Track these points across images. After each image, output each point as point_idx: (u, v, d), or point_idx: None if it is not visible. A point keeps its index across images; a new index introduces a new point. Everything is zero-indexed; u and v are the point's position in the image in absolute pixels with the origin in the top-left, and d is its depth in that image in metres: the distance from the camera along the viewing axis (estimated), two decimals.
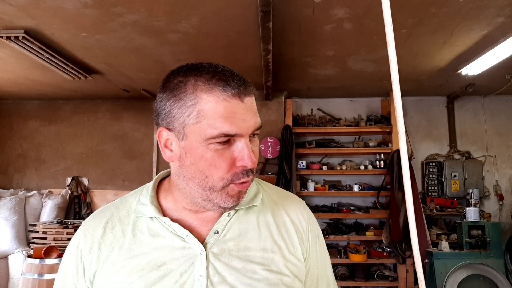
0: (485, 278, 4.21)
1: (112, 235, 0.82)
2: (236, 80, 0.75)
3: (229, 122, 0.72)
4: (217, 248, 0.80)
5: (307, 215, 0.91)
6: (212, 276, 0.77)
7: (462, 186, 5.31)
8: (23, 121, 5.97)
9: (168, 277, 0.77)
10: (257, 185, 0.92)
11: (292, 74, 4.60)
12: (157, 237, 0.81)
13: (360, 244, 5.20)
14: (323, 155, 5.47)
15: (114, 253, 0.80)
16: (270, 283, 0.79)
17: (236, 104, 0.74)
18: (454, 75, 4.50)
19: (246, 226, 0.84)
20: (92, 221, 0.86)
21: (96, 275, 0.80)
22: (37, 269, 3.20)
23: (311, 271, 0.89)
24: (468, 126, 5.57)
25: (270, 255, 0.82)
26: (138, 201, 0.86)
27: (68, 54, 3.87)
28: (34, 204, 5.30)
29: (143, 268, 0.78)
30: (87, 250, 0.82)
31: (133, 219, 0.84)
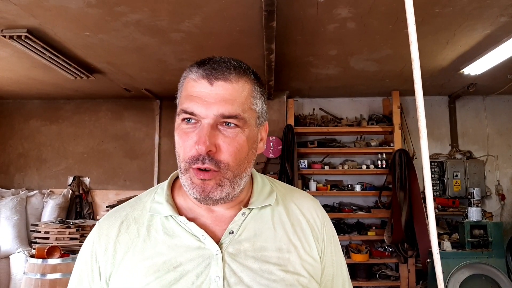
0: (487, 277, 4.21)
1: (128, 235, 0.82)
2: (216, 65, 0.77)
3: (189, 100, 0.76)
4: (233, 248, 0.79)
5: (321, 214, 0.91)
6: (229, 277, 0.77)
7: (463, 185, 5.32)
8: (24, 121, 5.96)
9: (184, 278, 0.76)
10: (271, 184, 0.92)
11: (294, 73, 4.59)
12: (172, 236, 0.80)
13: (362, 243, 5.20)
14: (325, 154, 5.47)
15: (130, 253, 0.80)
16: (286, 284, 0.78)
17: (203, 85, 0.76)
18: (456, 74, 4.49)
19: (261, 226, 0.83)
20: (107, 221, 0.86)
21: (112, 276, 0.80)
22: (39, 269, 3.20)
23: (326, 271, 0.88)
24: (469, 125, 5.57)
25: (286, 255, 0.81)
26: (153, 200, 0.86)
27: (71, 54, 3.86)
28: (35, 203, 5.30)
29: (159, 269, 0.77)
30: (102, 251, 0.81)
31: (148, 218, 0.83)
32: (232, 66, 0.78)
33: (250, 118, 0.79)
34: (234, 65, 0.79)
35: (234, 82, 0.77)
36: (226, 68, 0.77)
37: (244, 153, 0.78)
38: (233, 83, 0.77)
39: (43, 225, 4.44)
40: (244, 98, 0.78)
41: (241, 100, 0.77)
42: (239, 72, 0.79)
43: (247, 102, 0.79)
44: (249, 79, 0.81)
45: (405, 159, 5.00)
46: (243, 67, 0.81)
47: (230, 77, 0.77)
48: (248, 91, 0.80)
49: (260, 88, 0.84)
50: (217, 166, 0.75)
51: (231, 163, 0.76)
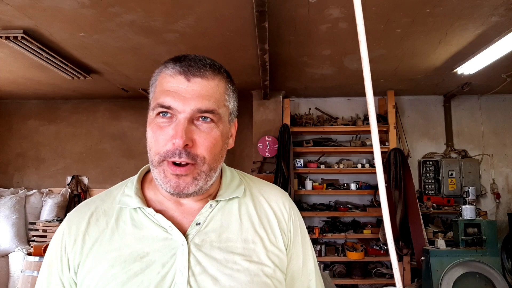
0: (481, 275, 4.24)
1: (97, 227, 0.83)
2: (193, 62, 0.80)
3: (166, 95, 0.78)
4: (199, 239, 0.81)
5: (289, 206, 0.93)
6: (194, 266, 0.79)
7: (459, 184, 5.35)
8: (23, 121, 6.01)
9: (150, 268, 0.78)
10: (240, 177, 0.94)
11: (289, 73, 4.63)
12: (140, 228, 0.82)
13: (357, 242, 5.23)
14: (321, 154, 5.50)
15: (97, 245, 0.81)
16: (250, 273, 0.80)
17: (179, 81, 0.78)
18: (450, 74, 4.53)
19: (228, 218, 0.85)
20: (77, 213, 0.88)
21: (80, 267, 0.81)
22: (36, 266, 3.24)
23: (293, 262, 0.90)
24: (464, 125, 5.60)
25: (251, 246, 0.83)
26: (123, 193, 0.88)
27: (67, 54, 3.90)
28: (34, 203, 5.34)
29: (126, 259, 0.79)
30: (72, 243, 0.83)
31: (117, 210, 0.85)
32: (207, 64, 0.81)
33: (224, 114, 0.82)
34: (209, 63, 0.82)
35: (210, 79, 0.80)
36: (202, 66, 0.80)
37: (219, 147, 0.81)
38: (209, 80, 0.80)
39: (41, 224, 4.48)
40: (219, 94, 0.81)
41: (217, 96, 0.80)
42: (214, 70, 0.82)
43: (222, 99, 0.82)
44: (223, 77, 0.84)
45: (400, 158, 5.04)
46: (217, 66, 0.84)
47: (206, 74, 0.80)
48: (223, 89, 0.83)
49: (232, 86, 0.87)
50: (193, 159, 0.77)
51: (207, 156, 0.78)
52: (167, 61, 0.83)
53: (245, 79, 4.80)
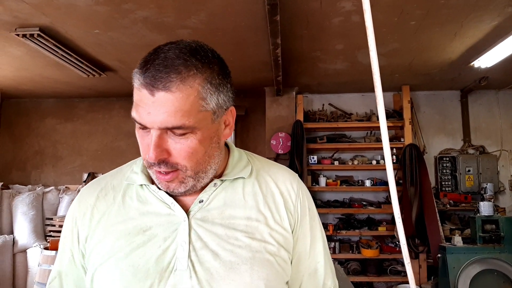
0: (499, 273, 4.16)
1: (105, 202, 0.87)
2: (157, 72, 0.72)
3: (136, 110, 0.75)
4: (200, 215, 0.83)
5: (297, 187, 0.92)
6: (195, 241, 0.80)
7: (476, 181, 5.25)
8: (40, 119, 6.12)
9: (152, 241, 0.80)
10: (248, 158, 0.94)
11: (302, 69, 4.61)
12: (145, 203, 0.84)
13: (372, 239, 5.18)
14: (335, 150, 5.47)
15: (105, 218, 0.85)
16: (252, 250, 0.80)
17: (145, 95, 0.73)
18: (466, 68, 4.44)
19: (232, 196, 0.86)
20: (88, 189, 0.92)
21: (88, 239, 0.85)
22: (53, 260, 3.30)
23: (299, 243, 0.89)
24: (482, 120, 5.49)
25: (254, 223, 0.83)
26: (131, 170, 0.91)
27: (82, 52, 3.96)
28: (51, 199, 5.44)
29: (130, 232, 0.81)
30: (81, 216, 0.87)
31: (125, 186, 0.88)
32: (174, 70, 0.72)
33: (201, 120, 0.76)
34: (176, 68, 0.73)
35: (176, 90, 0.72)
36: (166, 75, 0.72)
37: (200, 153, 0.78)
38: (174, 92, 0.72)
39: (58, 219, 4.57)
40: (189, 105, 0.73)
41: (185, 108, 0.73)
42: (182, 77, 0.73)
43: (194, 108, 0.74)
44: (195, 79, 0.74)
45: (415, 154, 4.97)
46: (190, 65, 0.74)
47: (170, 86, 0.72)
48: (194, 95, 0.74)
49: (215, 81, 0.78)
50: (174, 167, 0.77)
51: (187, 164, 0.77)
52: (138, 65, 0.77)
53: (258, 76, 4.80)
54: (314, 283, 0.92)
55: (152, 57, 0.75)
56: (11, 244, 4.85)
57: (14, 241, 4.90)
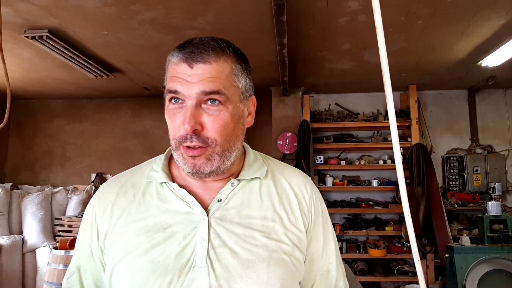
0: (507, 273, 4.13)
1: (125, 199, 0.89)
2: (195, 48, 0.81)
3: (173, 81, 0.81)
4: (219, 214, 0.85)
5: (310, 190, 0.95)
6: (213, 239, 0.82)
7: (484, 180, 5.22)
8: (49, 120, 6.18)
9: (172, 238, 0.82)
10: (263, 159, 0.97)
11: (308, 69, 4.61)
12: (164, 201, 0.87)
13: (379, 239, 5.17)
14: (341, 150, 5.47)
15: (125, 215, 0.87)
16: (268, 249, 0.83)
17: (184, 68, 0.80)
18: (474, 67, 4.42)
19: (249, 196, 0.88)
20: (107, 186, 0.94)
21: (107, 235, 0.87)
22: (62, 260, 3.34)
23: (312, 243, 0.92)
24: (490, 119, 5.46)
25: (270, 223, 0.85)
26: (151, 169, 0.93)
27: (90, 53, 4.00)
28: (60, 199, 5.49)
29: (150, 229, 0.83)
30: (101, 212, 0.89)
31: (145, 184, 0.90)
32: (210, 47, 0.81)
33: (233, 95, 0.83)
34: (212, 45, 0.82)
35: (213, 62, 0.80)
36: (204, 50, 0.80)
37: (230, 128, 0.83)
38: (212, 63, 0.80)
39: (66, 219, 4.61)
40: (225, 76, 0.81)
41: (222, 77, 0.81)
42: (217, 53, 0.81)
43: (229, 80, 0.82)
44: (228, 57, 0.83)
45: (422, 153, 4.95)
46: (222, 47, 0.83)
47: (208, 58, 0.80)
48: (229, 69, 0.83)
49: (241, 65, 0.87)
50: (204, 142, 0.80)
51: (218, 138, 0.81)
52: (174, 48, 0.85)
53: (264, 76, 4.81)
54: (326, 284, 0.94)
55: (187, 41, 0.84)
56: (20, 244, 4.90)
57: (24, 241, 4.95)
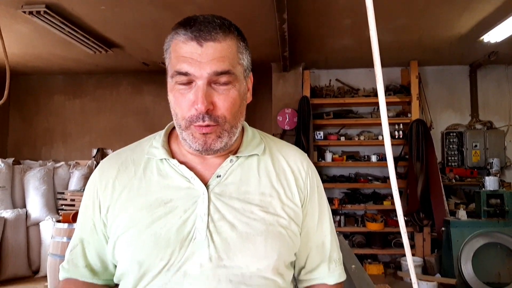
0: (502, 246, 4.22)
1: (126, 175, 0.91)
2: (202, 26, 0.80)
3: (182, 62, 0.80)
4: (219, 189, 0.88)
5: (307, 166, 0.98)
6: (213, 213, 0.85)
7: (483, 156, 5.25)
8: (49, 96, 6.18)
9: (173, 213, 0.85)
10: (261, 137, 0.99)
11: (309, 45, 4.58)
12: (165, 177, 0.89)
13: (377, 213, 5.25)
14: (341, 126, 5.48)
15: (126, 190, 0.89)
16: (266, 223, 0.86)
17: (192, 47, 0.80)
18: (476, 42, 4.39)
19: (247, 173, 0.91)
20: (108, 162, 0.96)
21: (109, 210, 0.90)
22: (65, 232, 3.41)
23: (308, 218, 0.95)
24: (491, 95, 5.45)
25: (268, 199, 0.89)
26: (151, 145, 0.95)
27: (89, 29, 3.97)
28: (62, 174, 5.55)
29: (151, 204, 0.86)
30: (103, 188, 0.92)
31: (145, 160, 0.93)
32: (217, 25, 0.81)
33: (240, 73, 0.85)
34: (219, 23, 0.82)
35: (222, 41, 0.81)
36: (212, 28, 0.80)
37: (237, 106, 0.85)
38: (221, 42, 0.81)
39: (69, 193, 4.68)
40: (232, 54, 0.83)
41: (231, 56, 0.82)
42: (225, 31, 0.82)
43: (236, 58, 0.84)
44: (234, 35, 0.84)
45: (422, 129, 4.97)
46: (227, 25, 0.84)
47: (217, 36, 0.80)
48: (235, 48, 0.84)
49: (244, 43, 0.88)
50: (215, 121, 0.82)
51: (227, 116, 0.83)
52: (177, 26, 0.83)
53: (265, 52, 4.78)
54: (321, 255, 0.98)
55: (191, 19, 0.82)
56: (24, 218, 4.99)
57: (27, 214, 5.03)
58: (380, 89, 0.82)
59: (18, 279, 4.70)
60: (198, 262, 0.82)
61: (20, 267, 4.78)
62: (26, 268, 4.85)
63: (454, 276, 4.19)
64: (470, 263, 4.16)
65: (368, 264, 4.87)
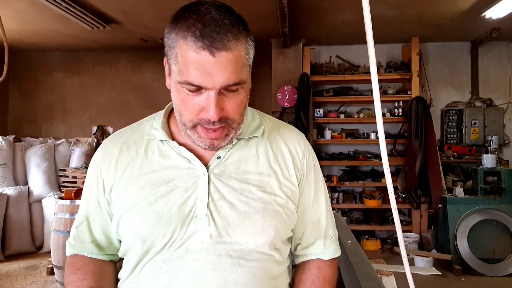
0: (498, 223, 4.28)
1: (128, 154, 0.94)
2: (214, 33, 0.75)
3: (194, 73, 0.77)
4: (218, 170, 0.91)
5: (304, 146, 1.00)
6: (213, 193, 0.89)
7: (482, 134, 5.27)
8: (48, 73, 6.15)
9: (174, 192, 0.88)
10: (260, 118, 1.01)
11: (309, 20, 4.52)
12: (166, 158, 0.92)
13: (375, 190, 5.31)
14: (341, 103, 5.48)
15: (129, 169, 0.92)
16: (264, 202, 0.90)
17: (204, 57, 0.76)
18: (478, 18, 4.34)
19: (246, 154, 0.94)
20: (110, 141, 0.99)
21: (113, 189, 0.93)
22: (68, 209, 3.45)
23: (304, 195, 0.98)
24: (492, 73, 5.42)
25: (266, 178, 0.92)
26: (151, 126, 0.97)
27: (85, 3, 3.92)
28: (63, 151, 5.58)
29: (154, 183, 0.89)
30: (106, 167, 0.94)
31: (146, 141, 0.95)
32: (228, 29, 0.77)
33: (247, 74, 0.84)
34: (229, 27, 0.77)
35: (234, 49, 0.77)
36: (224, 35, 0.76)
37: (244, 104, 0.87)
38: (233, 50, 0.77)
39: (70, 170, 4.72)
40: (243, 60, 0.80)
41: (241, 64, 0.80)
42: (235, 36, 0.78)
43: (245, 61, 0.82)
44: (242, 37, 0.80)
45: (422, 107, 4.97)
46: (236, 25, 0.79)
47: (230, 44, 0.77)
48: (244, 50, 0.81)
49: (250, 39, 0.84)
50: (224, 122, 0.83)
51: (236, 117, 0.85)
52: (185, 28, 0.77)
53: (264, 27, 4.72)
54: (317, 231, 1.01)
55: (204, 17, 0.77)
56: (26, 195, 5.04)
57: (29, 191, 5.09)
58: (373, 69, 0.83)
59: (23, 255, 4.79)
60: (199, 239, 0.86)
61: (24, 243, 4.87)
62: (30, 244, 4.94)
63: (450, 252, 4.27)
64: (465, 239, 4.24)
65: (365, 240, 4.96)
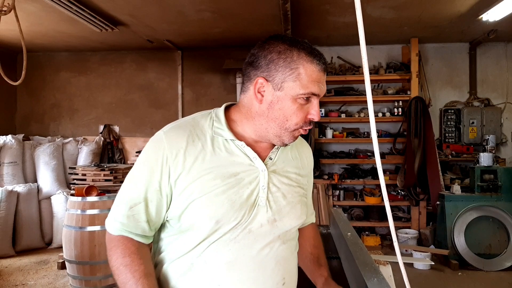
0: (494, 219, 4.42)
1: (194, 147, 1.08)
2: (323, 59, 1.09)
3: (317, 86, 1.07)
4: (272, 168, 1.15)
5: (310, 155, 1.34)
6: (271, 186, 1.12)
7: (479, 133, 5.39)
8: (55, 73, 6.28)
9: (241, 183, 1.08)
10: None
11: (311, 22, 4.65)
12: (232, 154, 1.10)
13: (375, 187, 5.44)
14: (342, 103, 5.60)
15: (199, 162, 1.07)
16: (299, 194, 1.20)
17: (321, 75, 1.08)
18: (475, 20, 4.45)
19: (285, 156, 1.21)
20: (175, 133, 1.10)
21: (181, 177, 1.05)
22: (79, 205, 3.59)
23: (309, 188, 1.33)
24: (489, 73, 5.54)
25: (297, 176, 1.22)
26: (212, 125, 1.12)
27: (95, 7, 4.04)
28: (70, 150, 5.72)
29: (224, 175, 1.07)
30: (173, 156, 1.06)
31: (210, 137, 1.11)
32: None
33: None
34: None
35: None
36: (324, 61, 1.10)
37: None
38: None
39: (80, 168, 4.86)
40: None
41: None
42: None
43: None
44: None
45: (421, 106, 5.10)
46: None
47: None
48: None
49: None
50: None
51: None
52: (308, 54, 1.07)
53: (267, 29, 4.85)
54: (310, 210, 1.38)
55: (311, 48, 1.09)
56: (36, 192, 5.19)
57: (39, 188, 5.23)
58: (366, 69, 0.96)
59: (33, 250, 4.94)
60: (259, 222, 1.09)
61: (33, 239, 5.01)
62: (39, 240, 5.08)
63: (447, 248, 4.41)
64: (462, 235, 4.37)
65: (365, 236, 5.09)
